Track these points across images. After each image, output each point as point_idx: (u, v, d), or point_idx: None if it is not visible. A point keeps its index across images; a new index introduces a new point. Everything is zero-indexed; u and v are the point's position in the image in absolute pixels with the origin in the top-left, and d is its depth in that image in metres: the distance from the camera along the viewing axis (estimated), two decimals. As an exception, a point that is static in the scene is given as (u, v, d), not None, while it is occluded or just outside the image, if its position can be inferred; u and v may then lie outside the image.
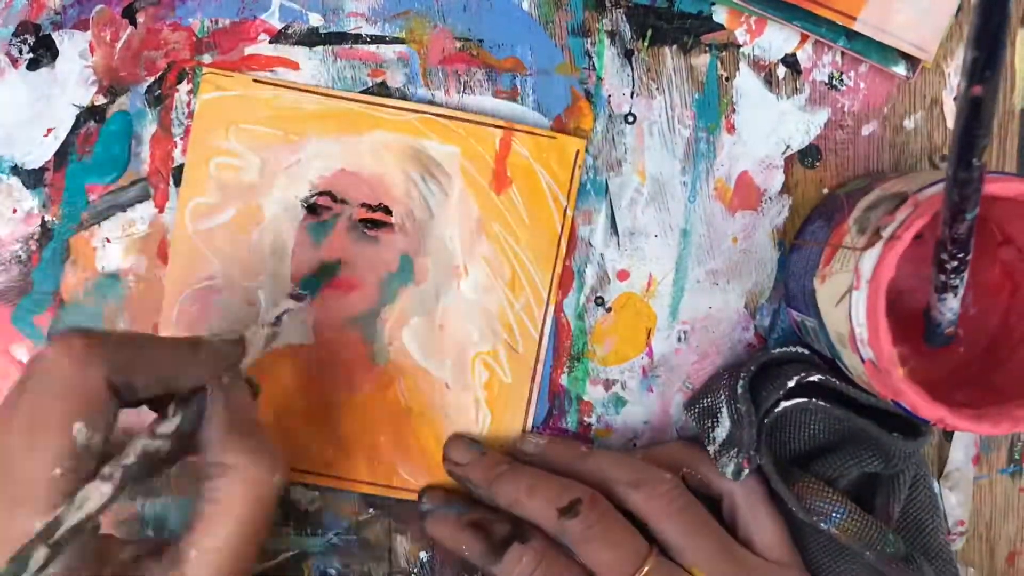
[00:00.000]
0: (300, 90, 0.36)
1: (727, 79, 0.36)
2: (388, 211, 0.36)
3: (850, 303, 0.28)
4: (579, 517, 0.31)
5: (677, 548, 0.32)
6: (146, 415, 0.29)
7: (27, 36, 0.36)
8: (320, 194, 0.36)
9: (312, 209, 0.36)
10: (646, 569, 0.31)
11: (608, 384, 0.37)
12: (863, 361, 0.29)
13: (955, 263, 0.26)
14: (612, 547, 0.31)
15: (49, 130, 0.36)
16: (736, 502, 0.34)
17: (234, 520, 0.27)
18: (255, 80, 0.36)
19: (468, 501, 0.36)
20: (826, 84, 0.37)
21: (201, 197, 0.36)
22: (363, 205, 0.36)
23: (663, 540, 0.32)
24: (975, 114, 0.21)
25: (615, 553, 0.31)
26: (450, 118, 0.36)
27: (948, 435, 0.38)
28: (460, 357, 0.36)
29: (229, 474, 0.27)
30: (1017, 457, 0.38)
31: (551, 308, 0.36)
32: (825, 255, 0.31)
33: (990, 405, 0.28)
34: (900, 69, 0.36)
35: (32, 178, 0.36)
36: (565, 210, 0.36)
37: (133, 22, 0.36)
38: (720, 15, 0.36)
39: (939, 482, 0.38)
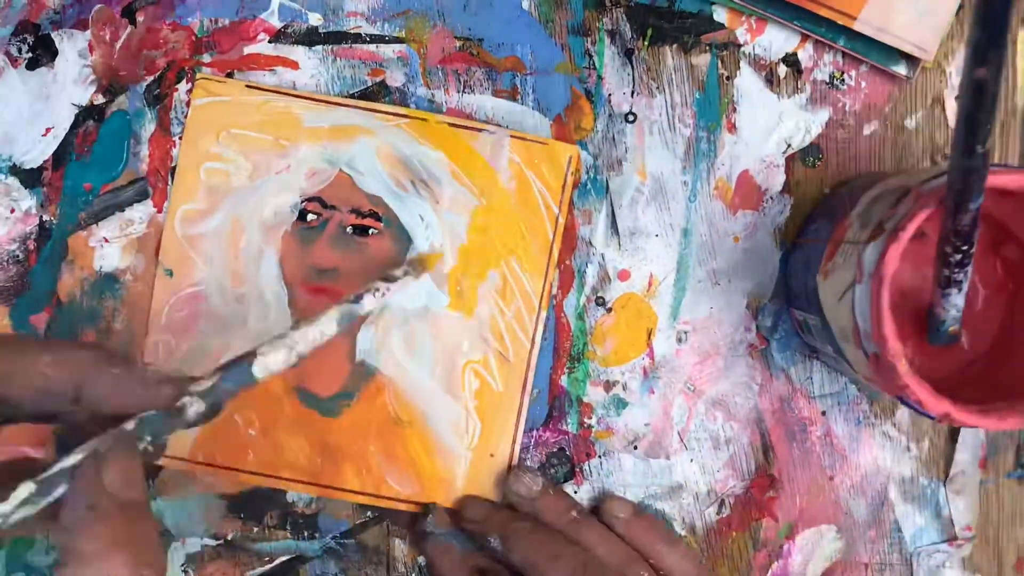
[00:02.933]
0: (291, 95, 0.35)
1: (728, 78, 0.36)
2: (378, 217, 0.36)
3: (853, 298, 0.28)
4: None
5: None
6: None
7: (26, 36, 0.36)
8: (309, 200, 0.36)
9: (302, 215, 0.36)
10: None
11: (609, 385, 0.37)
12: (867, 356, 0.28)
13: (959, 256, 0.26)
14: None
15: (48, 129, 0.36)
16: None
17: None
18: (247, 85, 0.35)
19: (470, 537, 0.36)
20: (827, 83, 0.36)
21: (191, 202, 0.36)
22: (352, 211, 0.36)
23: None
24: (979, 97, 0.21)
25: None
26: (441, 123, 0.36)
27: (953, 438, 0.37)
28: (450, 366, 0.36)
29: (81, 566, 0.22)
30: (1024, 461, 0.38)
31: (543, 316, 0.36)
32: (827, 251, 0.31)
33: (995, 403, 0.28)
34: (901, 69, 0.36)
35: (30, 177, 0.36)
36: (557, 218, 0.36)
37: (132, 21, 0.36)
38: (720, 14, 0.36)
39: (945, 486, 0.37)
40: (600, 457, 0.37)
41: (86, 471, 0.23)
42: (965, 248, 0.25)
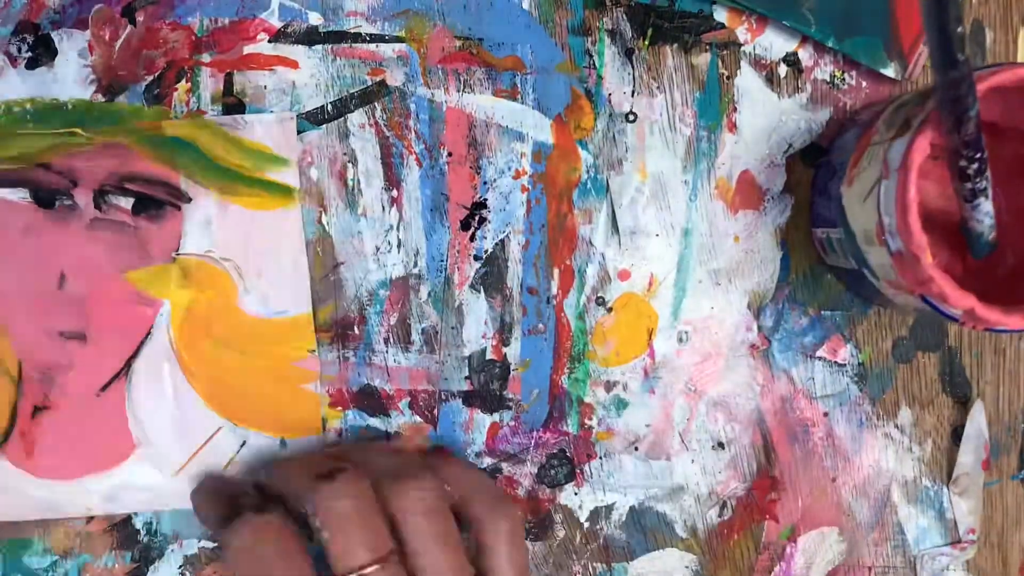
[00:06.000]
0: None
1: (728, 78, 0.36)
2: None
3: (879, 194, 0.28)
4: (334, 482, 0.28)
5: (412, 552, 0.29)
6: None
7: (26, 35, 0.36)
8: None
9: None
10: (380, 568, 0.27)
11: (609, 385, 0.37)
12: (891, 255, 0.28)
13: (975, 165, 0.26)
14: (358, 528, 0.28)
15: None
16: (484, 534, 0.31)
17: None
18: None
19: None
20: (828, 83, 0.36)
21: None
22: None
23: (402, 540, 0.29)
24: (944, 12, 0.22)
25: (360, 536, 0.28)
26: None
27: (957, 439, 0.37)
28: None
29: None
30: (1028, 462, 0.37)
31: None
32: (853, 157, 0.31)
33: None
34: (889, 71, 0.36)
35: (29, 177, 0.36)
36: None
37: (132, 21, 0.36)
38: (721, 14, 0.36)
39: (948, 488, 0.37)
40: (601, 458, 0.37)
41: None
42: (978, 156, 0.26)
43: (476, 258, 0.36)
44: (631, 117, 0.36)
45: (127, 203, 0.35)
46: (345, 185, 0.36)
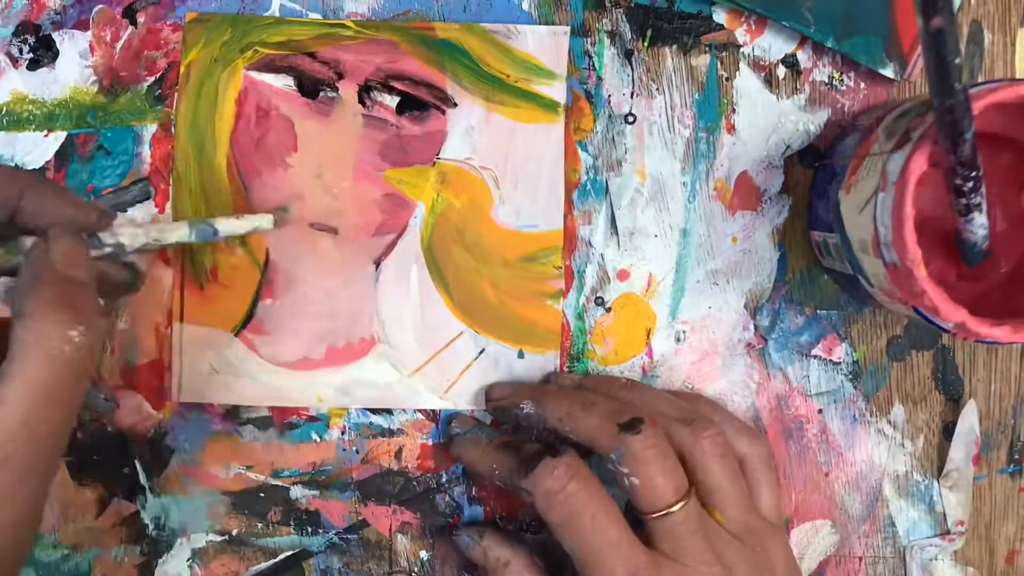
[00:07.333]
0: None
1: (727, 79, 0.36)
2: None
3: (875, 206, 0.28)
4: (640, 434, 0.31)
5: (709, 490, 0.32)
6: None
7: (27, 36, 0.36)
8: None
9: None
10: (684, 503, 0.30)
11: (608, 384, 0.37)
12: (886, 266, 0.29)
13: (970, 183, 0.26)
14: (664, 472, 0.31)
15: (50, 131, 0.36)
16: (749, 466, 0.34)
17: (24, 378, 0.24)
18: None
19: (496, 430, 0.36)
20: (826, 84, 0.37)
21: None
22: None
23: (698, 479, 0.32)
24: (942, 43, 0.22)
25: (666, 479, 0.31)
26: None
27: (948, 435, 0.38)
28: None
29: (22, 324, 0.25)
30: (1017, 457, 0.38)
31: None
32: (852, 165, 0.31)
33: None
34: (888, 71, 0.36)
35: (33, 178, 0.36)
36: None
37: (133, 22, 0.36)
38: (720, 15, 0.36)
39: (939, 482, 0.38)
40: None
41: (36, 248, 0.27)
42: (974, 174, 0.26)
43: (477, 258, 0.37)
44: (630, 118, 0.37)
45: (391, 101, 0.35)
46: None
